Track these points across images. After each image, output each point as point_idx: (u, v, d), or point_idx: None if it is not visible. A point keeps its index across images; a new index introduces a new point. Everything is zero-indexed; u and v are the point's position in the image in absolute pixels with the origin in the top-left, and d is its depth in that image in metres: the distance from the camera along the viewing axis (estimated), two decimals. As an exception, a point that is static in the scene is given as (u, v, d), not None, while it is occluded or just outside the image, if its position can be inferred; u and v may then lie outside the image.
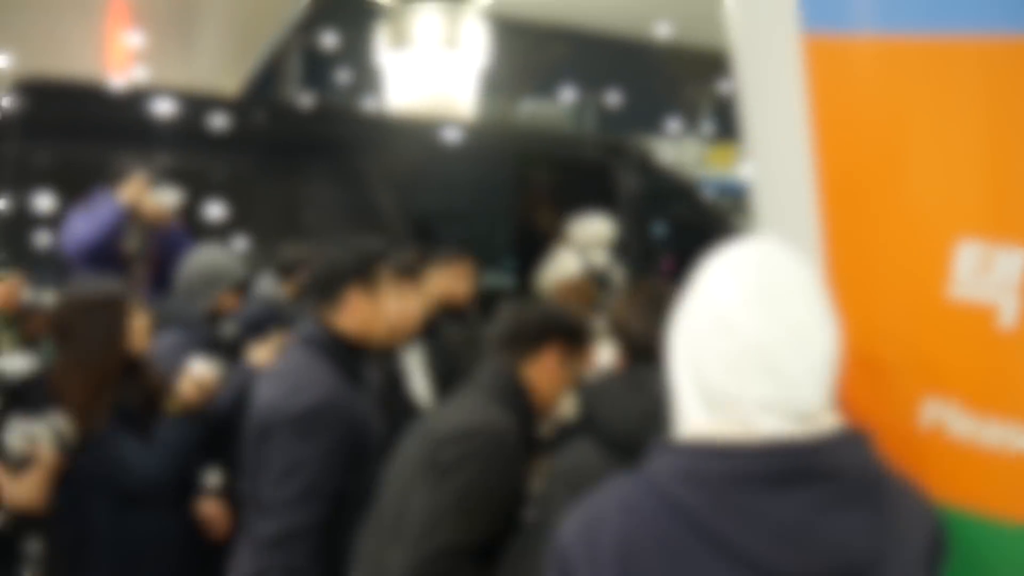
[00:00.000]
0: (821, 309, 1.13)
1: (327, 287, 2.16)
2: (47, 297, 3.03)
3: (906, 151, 1.26)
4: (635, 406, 1.58)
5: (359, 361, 2.20)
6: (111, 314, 2.29)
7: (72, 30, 9.87)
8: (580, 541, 1.08)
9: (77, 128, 3.93)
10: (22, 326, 2.98)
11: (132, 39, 9.88)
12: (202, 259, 2.90)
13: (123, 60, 11.02)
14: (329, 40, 16.84)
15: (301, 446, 1.96)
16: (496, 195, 4.89)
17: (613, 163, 5.12)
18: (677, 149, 14.98)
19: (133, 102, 4.16)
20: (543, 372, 1.90)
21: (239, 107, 5.04)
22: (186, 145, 4.10)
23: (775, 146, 1.42)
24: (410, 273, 2.51)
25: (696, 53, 15.35)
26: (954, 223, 1.24)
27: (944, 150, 1.23)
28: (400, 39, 11.71)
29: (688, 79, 17.28)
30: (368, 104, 11.59)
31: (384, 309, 2.19)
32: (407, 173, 4.67)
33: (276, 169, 4.31)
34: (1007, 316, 1.22)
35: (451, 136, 4.92)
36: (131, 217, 3.14)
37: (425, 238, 3.34)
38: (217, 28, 10.33)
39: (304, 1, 9.73)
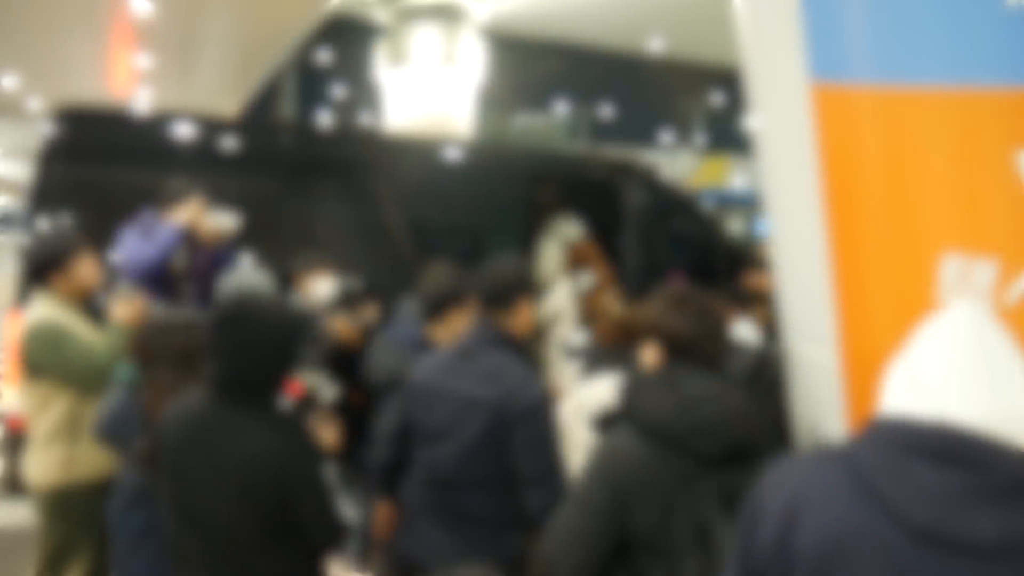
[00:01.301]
0: None
1: (499, 297, 2.53)
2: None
3: (900, 185, 1.48)
4: (670, 400, 1.80)
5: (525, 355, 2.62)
6: (189, 337, 2.42)
7: (77, 51, 10.05)
8: (777, 521, 1.22)
9: (112, 151, 4.13)
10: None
11: (137, 61, 10.05)
12: (238, 279, 3.10)
13: (127, 81, 11.22)
14: (323, 58, 17.04)
15: (546, 425, 2.40)
16: (510, 212, 5.07)
17: (620, 181, 5.35)
18: (670, 161, 15.22)
19: (161, 126, 4.37)
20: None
21: (262, 129, 5.27)
22: (215, 166, 4.29)
23: (788, 181, 1.64)
24: None
25: (688, 66, 15.63)
26: (939, 241, 1.46)
27: (930, 184, 1.45)
28: (398, 57, 11.90)
29: (680, 92, 17.57)
30: (364, 121, 11.77)
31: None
32: (425, 192, 4.89)
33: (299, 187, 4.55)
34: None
35: (465, 156, 5.14)
36: (187, 238, 3.34)
37: (432, 251, 3.54)
38: (218, 51, 10.52)
39: (306, 25, 9.92)
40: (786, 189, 1.71)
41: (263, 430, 2.05)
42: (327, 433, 2.57)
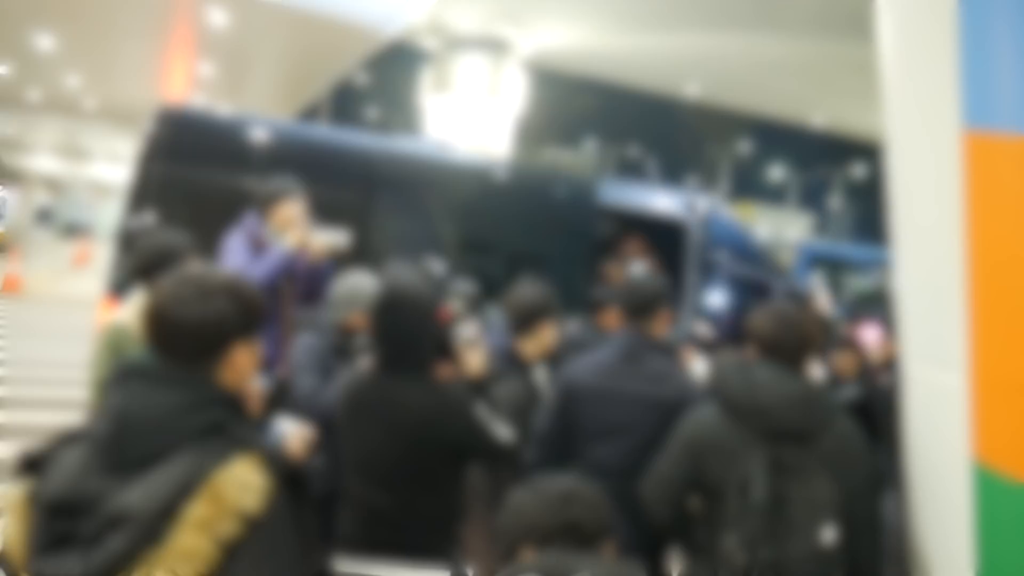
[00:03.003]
0: None
1: (644, 307, 2.79)
2: None
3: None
4: (742, 383, 2.22)
5: None
6: None
7: (136, 54, 10.33)
8: None
9: (202, 152, 4.29)
10: None
11: (196, 68, 10.29)
12: (348, 280, 3.20)
13: (182, 87, 11.51)
14: (360, 80, 17.30)
15: None
16: (572, 239, 5.20)
17: (685, 218, 5.50)
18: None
19: (242, 130, 4.54)
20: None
21: (338, 141, 5.45)
22: (293, 172, 4.43)
23: (927, 221, 1.80)
24: None
25: (719, 113, 15.93)
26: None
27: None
28: (443, 84, 12.17)
29: (710, 138, 17.87)
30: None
31: None
32: (484, 213, 5.06)
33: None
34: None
35: (537, 181, 5.31)
36: (296, 260, 3.37)
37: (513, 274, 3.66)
38: (272, 67, 10.79)
39: (360, 50, 10.15)
40: (923, 225, 1.86)
41: (426, 394, 2.48)
42: (474, 358, 2.76)
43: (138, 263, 2.96)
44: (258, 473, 1.36)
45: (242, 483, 1.34)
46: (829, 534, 2.05)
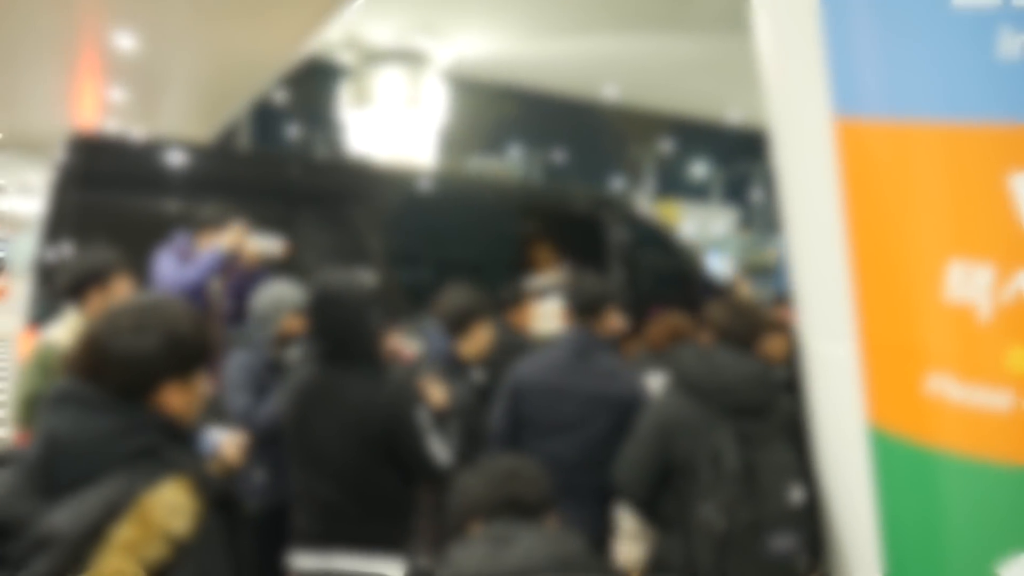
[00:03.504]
0: None
1: (592, 306, 2.90)
2: None
3: (915, 204, 1.76)
4: (703, 366, 2.43)
5: None
6: None
7: (42, 83, 10.05)
8: None
9: (118, 178, 4.22)
10: None
11: (106, 93, 10.07)
12: (267, 290, 3.20)
13: (93, 114, 11.22)
14: (279, 98, 17.05)
15: None
16: (501, 244, 5.29)
17: (603, 214, 5.63)
18: (623, 204, 15.61)
19: (170, 154, 4.49)
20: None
21: (257, 159, 5.42)
22: (214, 193, 4.41)
23: (811, 205, 1.92)
24: None
25: (640, 114, 16.28)
26: (948, 249, 1.74)
27: (940, 202, 1.74)
28: (362, 98, 12.15)
29: (632, 139, 18.22)
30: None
31: None
32: (408, 222, 5.10)
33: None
34: (984, 312, 1.73)
35: (461, 190, 5.38)
36: (229, 261, 3.38)
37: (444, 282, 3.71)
38: (187, 88, 10.61)
39: (276, 68, 10.05)
40: (808, 210, 1.98)
41: (369, 385, 2.54)
42: (435, 392, 2.82)
43: (69, 282, 2.95)
44: (188, 496, 1.37)
45: (170, 506, 1.34)
46: (797, 494, 2.24)
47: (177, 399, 1.51)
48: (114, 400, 1.44)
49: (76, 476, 1.36)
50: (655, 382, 3.01)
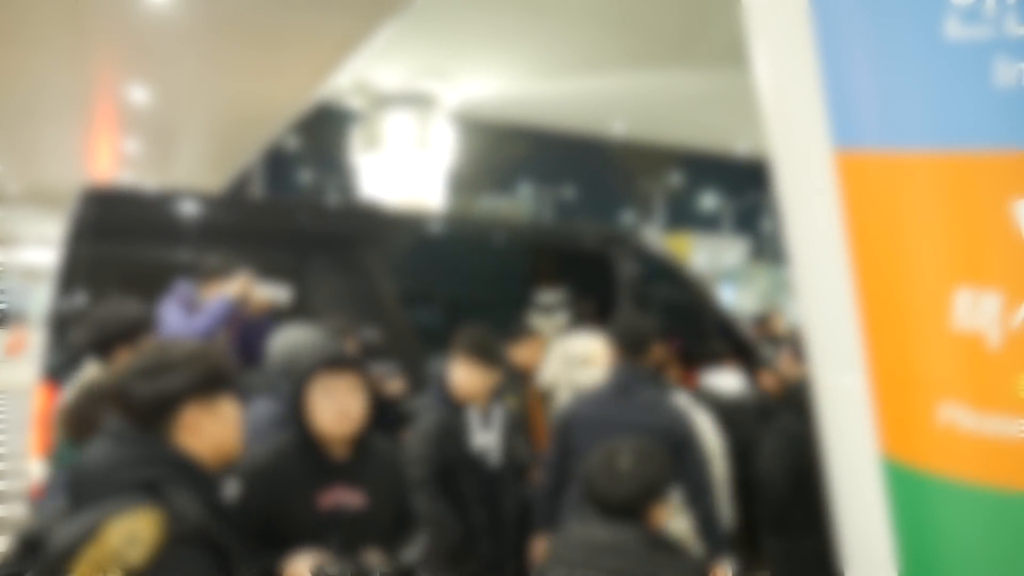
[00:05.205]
0: None
1: (638, 344, 3.05)
2: None
3: (917, 233, 1.77)
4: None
5: None
6: None
7: (59, 137, 10.25)
8: None
9: (132, 229, 4.28)
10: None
11: (121, 145, 10.23)
12: (287, 337, 3.19)
13: (109, 165, 11.41)
14: (291, 144, 17.30)
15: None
16: (512, 283, 5.31)
17: (614, 250, 5.65)
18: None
19: (171, 205, 4.57)
20: None
21: (268, 206, 5.49)
22: (226, 241, 4.46)
23: (815, 237, 1.93)
24: None
25: (648, 148, 16.40)
26: (953, 277, 1.74)
27: (942, 231, 1.75)
28: (373, 142, 12.33)
29: (641, 173, 18.32)
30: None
31: None
32: (431, 265, 5.16)
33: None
34: (993, 339, 1.72)
35: (471, 230, 5.43)
36: (237, 309, 3.39)
37: (457, 321, 3.72)
38: (200, 138, 10.78)
39: (287, 116, 10.21)
40: (812, 242, 1.99)
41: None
42: (394, 384, 2.85)
43: (97, 337, 2.86)
44: (150, 529, 1.41)
45: (129, 535, 1.40)
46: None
47: (203, 422, 1.64)
48: (137, 433, 1.59)
49: (88, 500, 1.46)
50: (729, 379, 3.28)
